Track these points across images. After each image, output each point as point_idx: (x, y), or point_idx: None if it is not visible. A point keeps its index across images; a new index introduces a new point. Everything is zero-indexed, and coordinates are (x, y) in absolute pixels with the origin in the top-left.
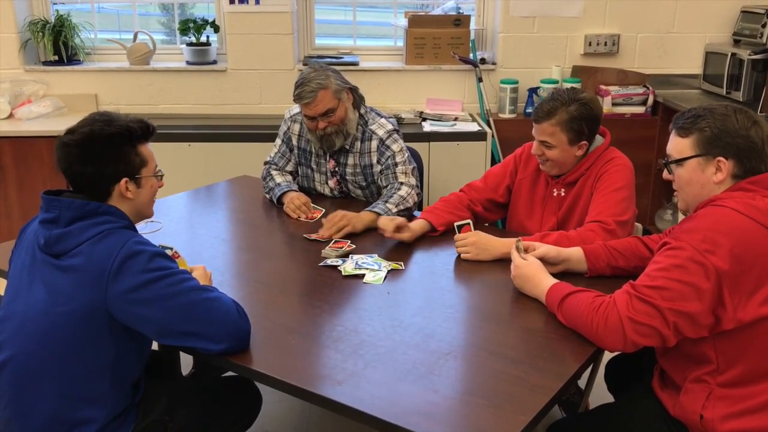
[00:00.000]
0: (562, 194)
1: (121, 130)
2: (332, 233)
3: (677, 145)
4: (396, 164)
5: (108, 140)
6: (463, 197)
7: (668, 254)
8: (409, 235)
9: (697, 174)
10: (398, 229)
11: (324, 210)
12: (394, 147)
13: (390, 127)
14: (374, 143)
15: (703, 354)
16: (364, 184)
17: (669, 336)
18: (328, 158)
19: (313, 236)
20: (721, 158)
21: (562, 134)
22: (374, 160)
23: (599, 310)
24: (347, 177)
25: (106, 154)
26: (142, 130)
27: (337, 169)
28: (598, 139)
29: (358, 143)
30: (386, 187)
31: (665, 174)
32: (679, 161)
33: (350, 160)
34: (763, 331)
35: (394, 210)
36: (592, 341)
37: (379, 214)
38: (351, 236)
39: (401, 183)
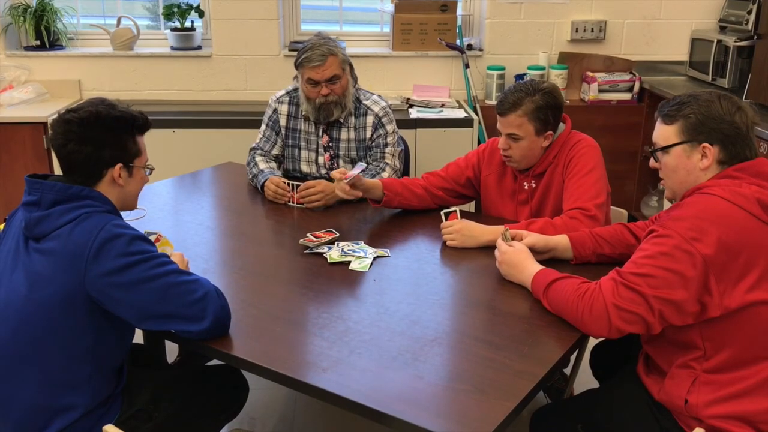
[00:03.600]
0: (533, 186)
1: (124, 116)
2: (304, 202)
3: (663, 132)
4: (386, 144)
5: (111, 123)
6: (420, 180)
7: (655, 242)
8: (358, 193)
9: (682, 161)
10: (353, 186)
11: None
12: (388, 127)
13: (384, 104)
14: (370, 119)
15: (690, 341)
16: (355, 157)
17: (654, 323)
18: (321, 133)
19: (314, 247)
20: (706, 144)
21: (529, 124)
22: (368, 135)
23: (585, 296)
24: (340, 152)
25: (106, 136)
26: (142, 121)
27: (330, 144)
28: (560, 126)
29: (352, 118)
30: (372, 162)
31: (651, 162)
32: (665, 148)
33: (344, 135)
34: (749, 317)
35: None
36: (577, 327)
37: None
38: (335, 222)
39: (386, 164)
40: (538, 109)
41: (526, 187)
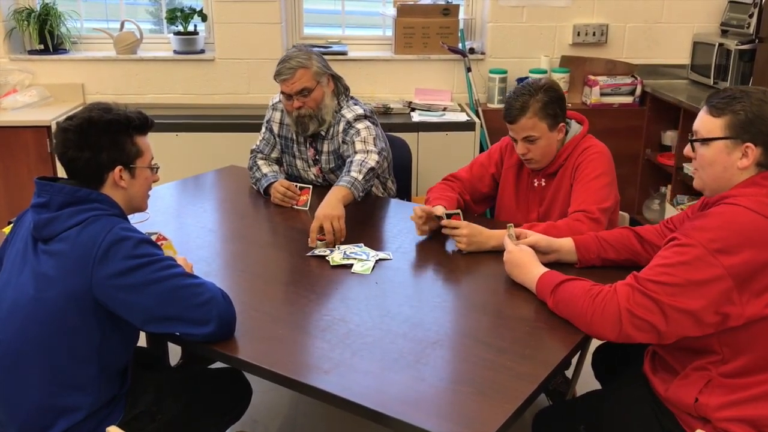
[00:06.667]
0: (543, 184)
1: (118, 118)
2: (335, 243)
3: (707, 123)
4: (358, 133)
5: (105, 127)
6: (452, 185)
7: (676, 251)
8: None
9: (722, 156)
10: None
11: (311, 187)
12: (359, 125)
13: (360, 112)
14: (341, 126)
15: (708, 346)
16: (335, 168)
17: (666, 333)
18: (308, 146)
19: (317, 251)
20: (749, 144)
21: (542, 123)
22: (341, 141)
23: (597, 297)
24: (322, 165)
25: (101, 140)
26: (139, 121)
27: (317, 157)
28: (576, 127)
29: (332, 129)
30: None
31: (686, 150)
32: (706, 140)
33: (326, 147)
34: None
35: (360, 177)
36: (583, 328)
37: (347, 188)
38: None
39: (356, 151)
40: (545, 106)
41: (536, 185)
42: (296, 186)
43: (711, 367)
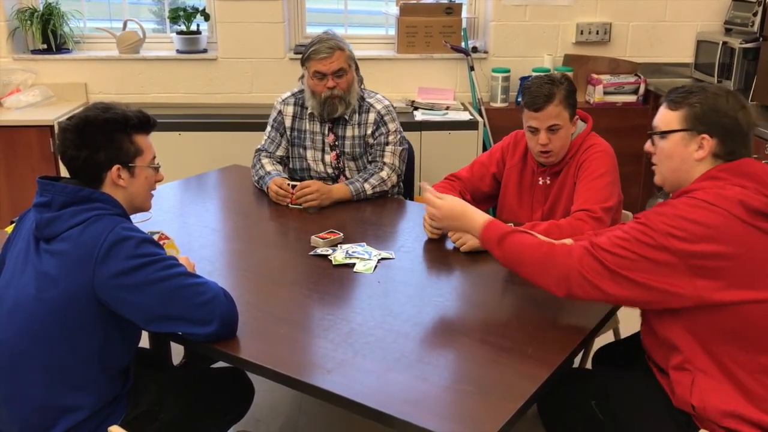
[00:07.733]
0: (548, 182)
1: (115, 117)
2: (300, 201)
3: (665, 117)
4: (387, 143)
5: (102, 126)
6: (453, 184)
7: (634, 227)
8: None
9: (679, 148)
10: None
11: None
12: (390, 126)
13: (387, 103)
14: (372, 116)
15: (675, 338)
16: (359, 153)
17: (613, 296)
18: (327, 132)
19: (320, 251)
20: (705, 136)
21: (565, 112)
22: (369, 131)
23: (550, 252)
24: (345, 149)
25: (98, 139)
26: (138, 119)
27: (336, 142)
28: (581, 125)
29: (356, 115)
30: (371, 163)
31: (647, 145)
32: (664, 133)
33: (348, 132)
34: (734, 316)
35: (370, 191)
36: (529, 278)
37: (352, 193)
38: (340, 225)
39: (384, 164)
40: (568, 95)
41: (541, 183)
42: (288, 184)
43: (688, 366)
